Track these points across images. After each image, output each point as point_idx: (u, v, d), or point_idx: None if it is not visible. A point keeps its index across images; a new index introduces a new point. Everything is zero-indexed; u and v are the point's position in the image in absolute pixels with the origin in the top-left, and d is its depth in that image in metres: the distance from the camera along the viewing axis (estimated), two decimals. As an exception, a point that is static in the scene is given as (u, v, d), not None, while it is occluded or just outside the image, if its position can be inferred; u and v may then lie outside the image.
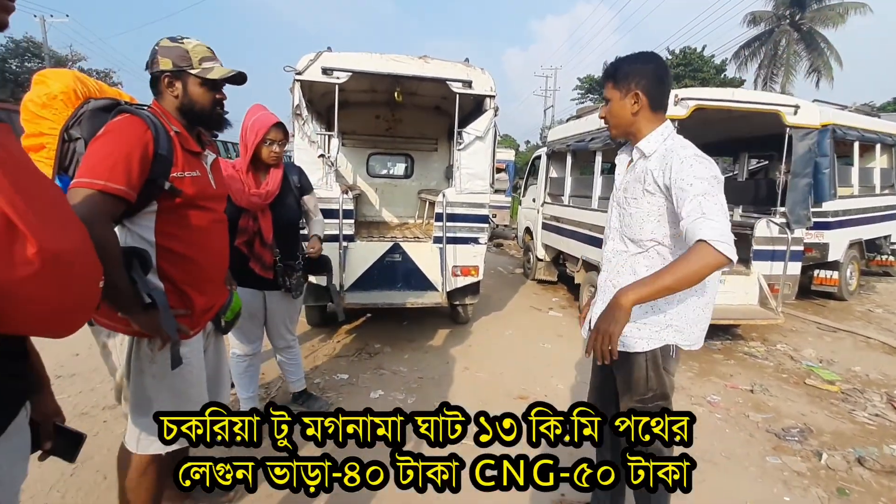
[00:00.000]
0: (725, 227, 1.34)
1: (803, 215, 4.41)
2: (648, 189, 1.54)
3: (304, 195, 2.64)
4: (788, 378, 3.82)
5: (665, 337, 1.59)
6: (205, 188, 1.56)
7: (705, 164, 1.47)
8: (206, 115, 1.55)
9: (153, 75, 1.51)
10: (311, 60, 3.63)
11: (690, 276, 1.33)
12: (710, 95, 4.23)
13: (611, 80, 1.61)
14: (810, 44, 22.35)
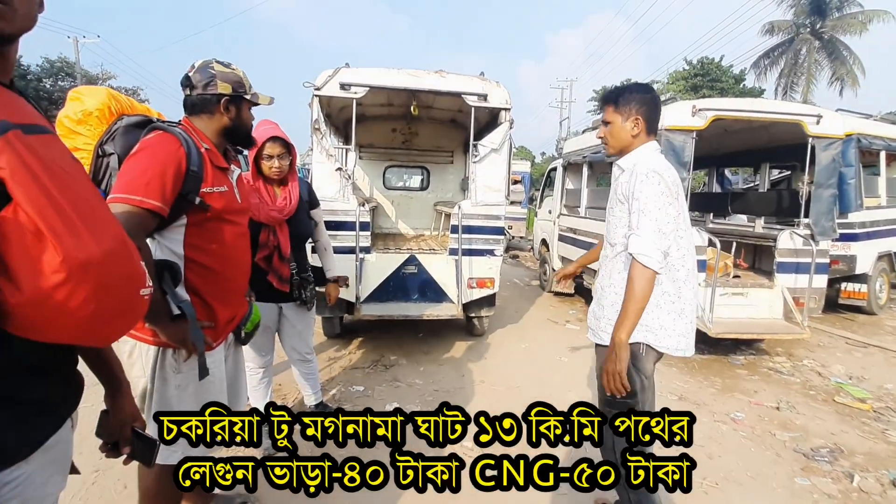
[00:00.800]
0: (649, 241, 1.60)
1: (828, 227, 4.30)
2: (619, 199, 1.79)
3: (313, 209, 2.69)
4: (816, 395, 3.69)
5: (636, 336, 1.70)
6: (231, 202, 1.61)
7: (655, 179, 1.66)
8: (247, 134, 1.69)
9: (206, 97, 1.56)
10: (329, 76, 3.71)
11: (640, 293, 1.59)
12: (729, 106, 4.19)
13: (612, 105, 1.82)
14: (832, 52, 21.97)
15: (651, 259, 1.59)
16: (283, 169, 2.38)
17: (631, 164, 1.79)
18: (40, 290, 0.71)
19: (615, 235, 1.83)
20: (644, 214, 1.63)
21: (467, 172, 5.26)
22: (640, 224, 1.64)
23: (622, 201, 1.78)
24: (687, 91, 23.05)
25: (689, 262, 1.79)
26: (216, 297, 1.60)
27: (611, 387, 1.62)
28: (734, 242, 5.22)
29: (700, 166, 7.31)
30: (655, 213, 1.63)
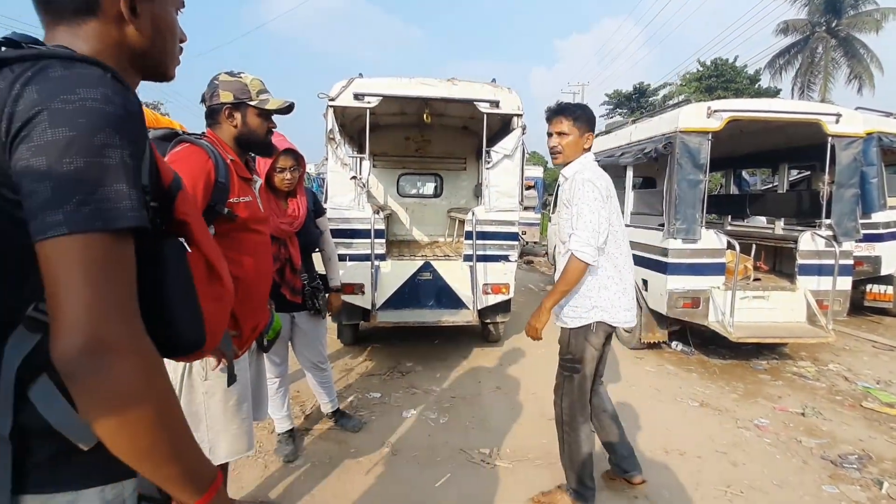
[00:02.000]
0: (584, 240, 1.97)
1: (851, 227, 4.20)
2: (564, 203, 2.11)
3: (318, 217, 2.71)
4: (843, 400, 3.59)
5: (592, 316, 2.09)
6: (255, 212, 1.64)
7: (589, 187, 2.00)
8: (259, 142, 1.67)
9: (212, 107, 1.62)
10: (343, 87, 3.77)
11: (571, 279, 2.01)
12: (744, 106, 4.14)
13: (571, 119, 2.08)
14: (849, 50, 21.57)
15: (585, 254, 1.98)
16: (294, 181, 2.40)
17: (572, 172, 2.11)
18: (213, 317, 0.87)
19: (564, 234, 2.13)
20: (580, 217, 1.99)
21: (480, 179, 5.28)
22: (576, 225, 2.00)
23: (566, 205, 2.10)
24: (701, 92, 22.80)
25: (623, 248, 2.16)
26: (242, 306, 1.63)
27: (529, 333, 2.17)
28: (753, 245, 5.12)
29: (716, 168, 7.20)
30: (589, 216, 1.98)
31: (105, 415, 0.57)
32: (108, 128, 0.58)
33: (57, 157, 0.55)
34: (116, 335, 0.57)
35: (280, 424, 2.65)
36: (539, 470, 2.59)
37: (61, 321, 0.55)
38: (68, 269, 0.55)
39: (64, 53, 0.61)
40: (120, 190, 0.58)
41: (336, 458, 2.62)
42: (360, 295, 3.87)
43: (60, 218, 0.55)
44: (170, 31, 0.78)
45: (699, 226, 4.03)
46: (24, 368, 0.61)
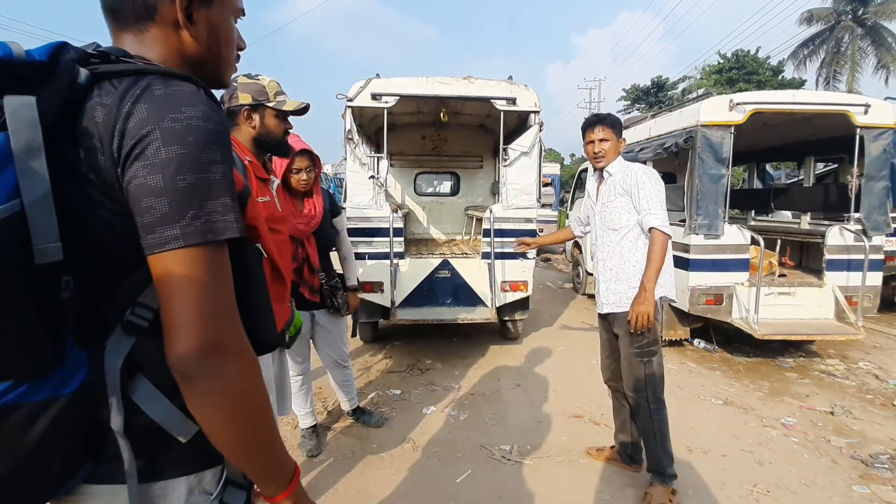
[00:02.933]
0: (664, 216, 2.18)
1: (882, 221, 4.07)
2: (619, 193, 2.30)
3: (335, 217, 2.73)
4: (874, 399, 3.49)
5: (658, 292, 2.20)
6: (273, 211, 1.68)
7: (651, 173, 2.27)
8: (277, 142, 1.71)
9: (231, 109, 1.66)
10: (360, 87, 3.81)
11: (661, 254, 2.17)
12: (768, 99, 4.05)
13: (611, 128, 2.34)
14: (876, 39, 20.83)
15: (667, 228, 2.17)
16: (310, 181, 2.41)
17: (621, 168, 2.33)
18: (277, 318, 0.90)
19: (618, 221, 2.31)
20: (653, 198, 2.20)
21: (497, 177, 5.27)
22: (651, 206, 2.19)
23: (621, 194, 2.29)
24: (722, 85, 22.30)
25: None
26: None
27: (640, 324, 2.15)
28: (779, 240, 5.00)
29: (739, 162, 7.04)
30: (659, 195, 2.22)
31: (216, 412, 0.61)
32: (212, 145, 0.62)
33: (172, 175, 0.58)
34: (227, 338, 0.61)
35: (304, 420, 2.70)
36: (560, 467, 2.58)
37: (178, 327, 0.59)
38: (184, 279, 0.59)
39: (161, 69, 0.65)
40: (225, 203, 0.63)
41: (358, 454, 2.66)
42: (379, 293, 3.91)
43: (177, 232, 0.58)
44: (226, 38, 0.78)
45: (722, 221, 3.95)
46: (124, 369, 0.65)
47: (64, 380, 0.61)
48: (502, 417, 3.13)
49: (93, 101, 0.60)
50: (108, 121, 0.59)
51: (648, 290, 2.14)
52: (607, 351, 2.53)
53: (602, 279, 2.40)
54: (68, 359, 0.61)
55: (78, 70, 0.60)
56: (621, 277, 2.30)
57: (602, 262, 2.40)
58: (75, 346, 0.63)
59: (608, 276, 2.36)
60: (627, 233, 2.29)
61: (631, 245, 2.29)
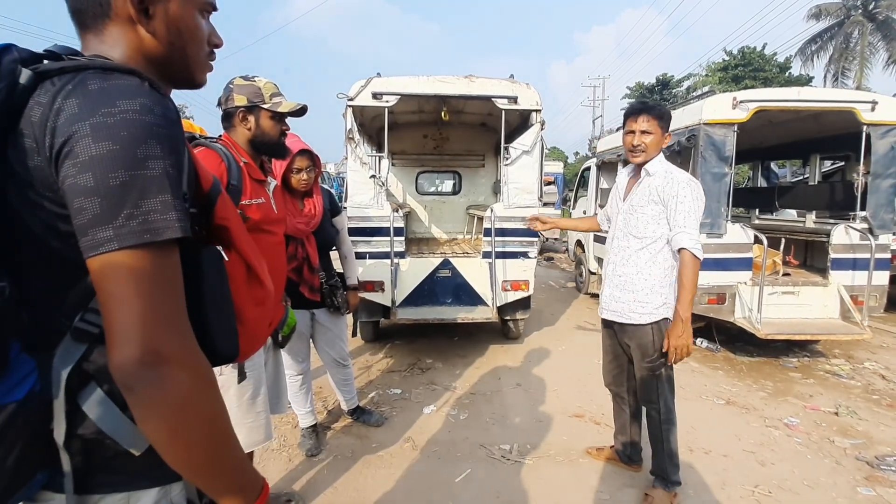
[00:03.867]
0: (696, 237, 2.03)
1: (889, 219, 4.02)
2: (654, 200, 2.10)
3: (335, 216, 2.72)
4: (880, 400, 3.45)
5: (663, 312, 2.14)
6: (268, 213, 1.68)
7: (695, 187, 2.08)
8: (273, 144, 1.71)
9: (227, 111, 1.68)
10: (361, 87, 3.80)
11: (694, 279, 2.03)
12: (772, 96, 4.01)
13: (657, 119, 2.10)
14: (888, 33, 20.56)
15: (700, 251, 2.02)
16: (310, 181, 2.41)
17: (662, 170, 2.13)
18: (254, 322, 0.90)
19: (644, 230, 2.14)
20: (690, 215, 2.03)
21: (499, 175, 5.25)
22: (686, 224, 2.03)
23: (657, 202, 2.10)
24: (728, 82, 22.13)
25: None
26: None
27: (679, 356, 2.05)
28: (783, 239, 4.95)
29: (743, 160, 6.97)
30: (697, 213, 2.05)
31: (160, 425, 0.58)
32: (150, 139, 0.58)
33: (102, 173, 0.55)
34: (171, 347, 0.58)
35: (304, 420, 2.70)
36: (560, 467, 2.57)
37: (117, 334, 0.56)
38: (121, 283, 0.56)
39: (101, 63, 0.62)
40: (165, 201, 0.59)
41: (358, 453, 2.67)
42: (380, 292, 3.91)
43: (110, 234, 0.55)
44: (191, 34, 0.74)
45: (725, 220, 3.92)
46: (73, 377, 0.63)
47: (10, 388, 0.59)
48: (502, 417, 3.12)
49: (32, 100, 0.58)
50: (42, 119, 0.57)
51: (685, 321, 2.01)
52: (610, 356, 2.47)
53: (608, 284, 2.29)
54: (14, 367, 0.60)
55: (20, 71, 0.59)
56: (629, 288, 2.18)
57: (613, 266, 2.26)
58: (23, 354, 0.61)
59: (616, 282, 2.24)
60: (651, 244, 2.12)
61: (650, 257, 2.13)
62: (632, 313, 2.18)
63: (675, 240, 2.04)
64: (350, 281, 2.80)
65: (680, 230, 2.03)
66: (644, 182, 2.16)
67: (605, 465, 2.57)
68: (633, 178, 2.27)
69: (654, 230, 2.12)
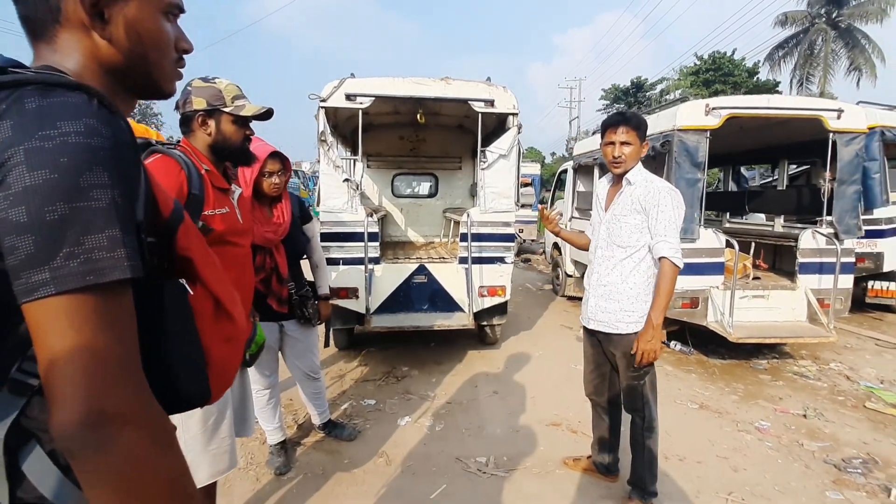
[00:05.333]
0: (678, 246, 2.05)
1: (853, 224, 4.13)
2: (636, 209, 2.11)
3: (305, 224, 2.62)
4: (846, 401, 3.54)
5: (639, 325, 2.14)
6: (233, 224, 1.57)
7: (673, 195, 2.10)
8: (235, 150, 1.59)
9: (185, 115, 1.56)
10: (334, 87, 3.69)
11: (671, 288, 2.07)
12: (743, 103, 4.07)
13: (635, 130, 2.11)
14: (849, 41, 21.45)
15: (680, 260, 2.04)
16: (282, 185, 2.32)
17: (641, 178, 2.14)
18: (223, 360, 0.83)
19: (628, 239, 2.14)
20: (671, 224, 2.06)
21: (476, 178, 5.20)
22: (667, 232, 2.05)
23: (638, 211, 2.11)
24: (699, 86, 22.71)
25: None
26: None
27: (647, 359, 2.10)
28: (753, 243, 5.06)
29: (715, 164, 7.13)
30: (677, 222, 2.07)
31: (107, 493, 0.51)
32: (96, 165, 0.52)
33: (38, 206, 0.48)
34: (118, 404, 0.51)
35: (271, 436, 2.59)
36: (536, 479, 2.54)
37: (57, 391, 0.49)
38: (60, 332, 0.49)
39: (42, 78, 0.54)
40: (113, 236, 0.52)
41: (329, 470, 2.57)
42: (354, 299, 3.81)
43: (47, 276, 0.48)
44: (153, 39, 0.67)
45: (697, 225, 3.97)
46: (11, 436, 0.55)
47: None
48: (479, 427, 3.07)
49: None
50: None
51: (656, 327, 2.05)
52: (591, 365, 2.44)
53: (593, 294, 2.27)
54: None
55: None
56: (614, 297, 2.18)
57: (597, 276, 2.25)
58: None
59: (600, 292, 2.22)
60: (634, 252, 2.14)
61: (633, 265, 2.15)
62: (618, 323, 2.17)
63: (656, 248, 2.06)
64: (321, 290, 2.70)
65: (661, 239, 2.05)
66: (625, 191, 2.16)
67: (581, 475, 2.55)
68: (613, 187, 2.27)
69: (637, 239, 2.13)
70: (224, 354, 0.84)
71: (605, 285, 2.20)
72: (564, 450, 2.78)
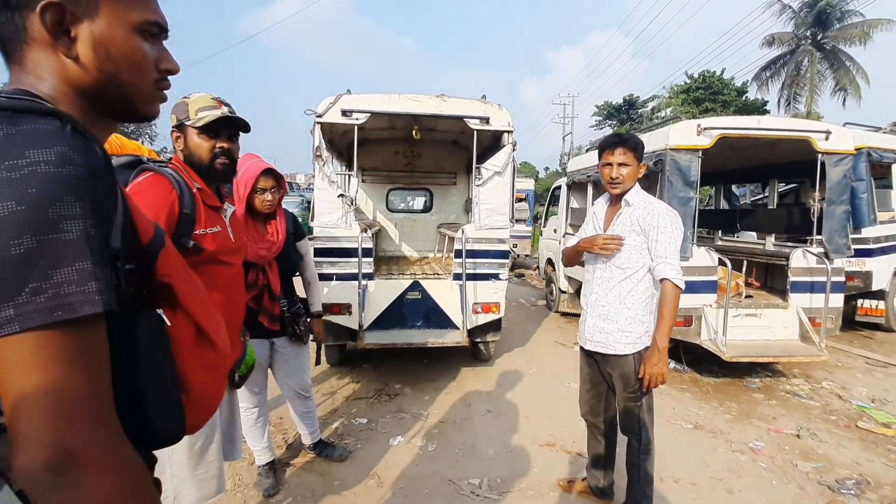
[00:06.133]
0: (678, 267, 2.05)
1: (842, 244, 4.19)
2: (636, 230, 2.11)
3: (299, 240, 2.60)
4: (838, 420, 3.54)
5: (645, 341, 2.14)
6: (225, 242, 1.53)
7: (672, 216, 2.11)
8: (203, 165, 1.52)
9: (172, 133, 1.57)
10: (330, 103, 3.71)
11: (675, 310, 2.05)
12: (734, 124, 4.14)
13: (632, 151, 2.12)
14: (834, 62, 21.98)
15: (682, 281, 2.04)
16: (275, 202, 2.31)
17: (640, 200, 2.15)
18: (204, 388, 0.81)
19: (628, 261, 2.14)
20: (671, 245, 2.06)
21: (471, 194, 5.22)
22: (668, 253, 2.05)
23: (638, 232, 2.11)
24: (689, 104, 23.10)
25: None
26: None
27: (654, 383, 2.07)
28: (745, 261, 5.10)
29: (706, 183, 7.22)
30: (677, 243, 2.08)
31: None
32: (67, 195, 0.50)
33: (2, 240, 0.47)
34: (86, 445, 0.49)
35: (260, 456, 2.53)
36: (531, 502, 2.50)
37: (22, 432, 0.47)
38: (24, 370, 0.47)
39: (11, 104, 0.52)
40: (84, 269, 0.50)
41: (319, 492, 2.51)
42: (347, 315, 3.78)
43: (11, 313, 0.47)
44: (127, 59, 0.64)
45: (690, 243, 3.99)
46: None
47: None
48: (472, 447, 3.03)
49: None
50: None
51: (662, 350, 2.03)
52: (587, 385, 2.41)
53: (591, 314, 2.25)
54: None
55: None
56: (612, 318, 2.16)
57: (595, 296, 2.23)
58: None
59: (598, 312, 2.21)
60: (633, 273, 2.13)
61: (632, 286, 2.14)
62: (616, 344, 2.16)
63: (658, 270, 2.06)
64: (314, 308, 2.67)
65: (661, 260, 2.05)
66: (624, 213, 2.17)
67: (576, 499, 2.51)
68: (611, 207, 2.27)
69: (636, 260, 2.12)
70: (205, 382, 0.82)
71: (603, 306, 2.19)
72: (559, 471, 2.75)
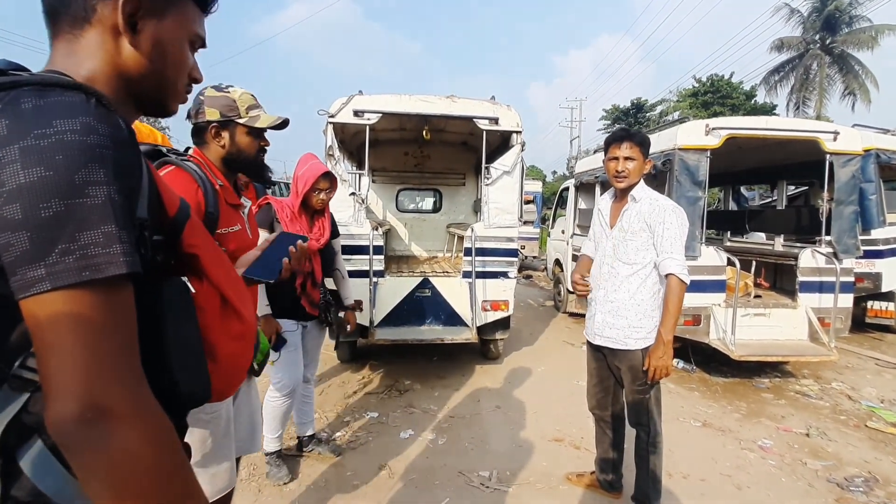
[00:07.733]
0: (683, 262, 2.10)
1: (851, 244, 4.19)
2: (642, 226, 2.15)
3: (334, 238, 2.75)
4: (847, 420, 3.54)
5: (654, 337, 2.17)
6: (244, 241, 1.52)
7: (678, 212, 2.15)
8: (250, 163, 1.55)
9: (198, 125, 1.51)
10: (343, 104, 3.78)
11: (679, 304, 2.09)
12: (742, 124, 4.16)
13: (639, 146, 2.16)
14: (843, 67, 21.85)
15: (687, 276, 2.08)
16: (327, 201, 2.55)
17: (647, 196, 2.19)
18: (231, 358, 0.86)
19: (635, 256, 2.17)
20: (677, 241, 2.09)
21: (479, 194, 5.27)
22: (673, 249, 2.09)
23: (644, 228, 2.15)
24: (697, 108, 23.04)
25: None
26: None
27: (658, 376, 2.11)
28: (753, 261, 5.10)
29: (715, 184, 7.22)
30: (682, 239, 2.11)
31: (104, 490, 0.50)
32: (91, 162, 0.52)
33: (32, 203, 0.49)
34: (116, 400, 0.51)
35: (270, 444, 2.56)
36: (540, 494, 2.53)
37: (53, 386, 0.50)
38: (57, 328, 0.50)
39: (40, 79, 0.56)
40: (109, 232, 0.52)
41: (332, 482, 2.56)
42: (358, 311, 3.83)
43: (42, 273, 0.49)
44: (174, 60, 0.71)
45: (699, 242, 4.01)
46: (11, 432, 0.55)
47: None
48: (481, 442, 3.06)
49: None
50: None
51: (667, 343, 2.07)
52: (595, 379, 2.44)
53: (600, 310, 2.27)
54: None
55: None
56: (622, 313, 2.19)
57: (604, 292, 2.26)
58: None
59: (607, 308, 2.23)
60: (640, 269, 2.16)
61: (640, 282, 2.17)
62: (627, 339, 2.19)
63: (663, 265, 2.10)
64: (348, 301, 2.84)
65: (667, 256, 2.09)
66: (631, 208, 2.20)
67: (584, 491, 2.54)
68: (616, 203, 2.30)
69: (643, 256, 2.15)
70: (232, 351, 0.84)
71: (613, 301, 2.21)
72: (567, 465, 2.78)
